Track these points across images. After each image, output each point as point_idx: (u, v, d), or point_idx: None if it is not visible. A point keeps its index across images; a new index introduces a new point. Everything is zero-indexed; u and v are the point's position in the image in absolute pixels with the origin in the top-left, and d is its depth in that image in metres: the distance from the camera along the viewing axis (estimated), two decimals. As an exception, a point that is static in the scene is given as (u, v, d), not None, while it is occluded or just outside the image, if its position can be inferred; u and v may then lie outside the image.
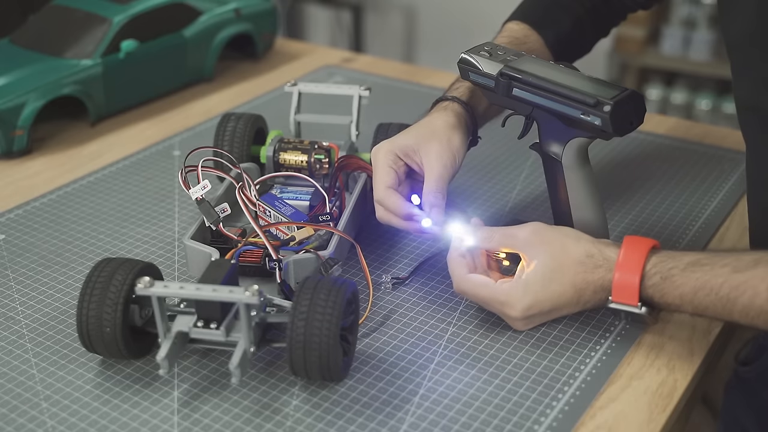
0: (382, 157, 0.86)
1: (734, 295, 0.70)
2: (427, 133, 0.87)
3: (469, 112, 0.90)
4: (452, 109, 0.89)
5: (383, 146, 0.87)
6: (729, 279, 0.70)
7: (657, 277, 0.73)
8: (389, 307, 0.84)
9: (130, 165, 1.13)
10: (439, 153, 0.85)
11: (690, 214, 1.00)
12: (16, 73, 1.15)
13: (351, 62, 1.48)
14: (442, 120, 0.88)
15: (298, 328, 0.68)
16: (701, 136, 1.20)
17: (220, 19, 1.36)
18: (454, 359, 0.77)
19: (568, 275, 0.76)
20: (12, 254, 0.93)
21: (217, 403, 0.72)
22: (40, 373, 0.75)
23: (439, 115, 0.88)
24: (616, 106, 0.76)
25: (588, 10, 1.03)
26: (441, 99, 0.91)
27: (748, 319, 0.70)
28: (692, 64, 2.70)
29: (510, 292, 0.77)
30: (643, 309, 0.74)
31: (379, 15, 3.25)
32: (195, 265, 0.85)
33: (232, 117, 1.02)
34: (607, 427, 0.70)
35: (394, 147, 0.87)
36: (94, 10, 1.23)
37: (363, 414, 0.71)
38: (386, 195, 0.85)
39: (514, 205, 1.02)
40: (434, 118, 0.88)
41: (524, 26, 1.00)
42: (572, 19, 1.02)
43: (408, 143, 0.86)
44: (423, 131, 0.87)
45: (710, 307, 0.71)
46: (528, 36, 0.99)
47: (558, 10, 1.02)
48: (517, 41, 0.98)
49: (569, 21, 1.02)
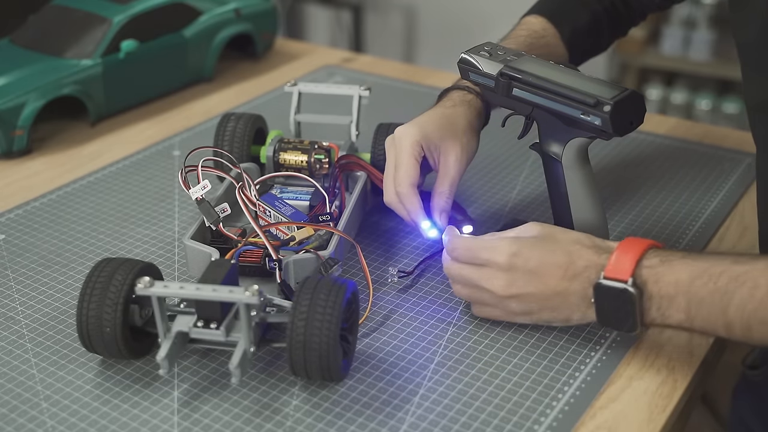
0: (409, 147, 0.85)
1: (733, 286, 0.67)
2: (449, 131, 0.86)
3: (488, 110, 0.92)
4: (475, 107, 0.89)
5: (411, 133, 0.85)
6: (729, 269, 0.67)
7: (656, 260, 0.70)
8: (389, 307, 0.84)
9: (130, 165, 1.13)
10: (458, 157, 0.86)
11: (690, 214, 1.00)
12: (16, 73, 1.15)
13: (351, 62, 1.48)
14: (465, 119, 0.88)
15: (298, 328, 0.69)
16: (701, 136, 1.20)
17: (220, 19, 1.36)
18: (454, 359, 0.77)
19: (562, 243, 0.74)
20: (12, 254, 0.93)
21: (217, 403, 0.72)
22: (40, 373, 0.75)
23: (463, 111, 0.88)
24: (616, 106, 0.76)
25: (606, 7, 1.03)
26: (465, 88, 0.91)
27: (743, 317, 0.66)
28: (692, 64, 2.70)
29: (499, 239, 0.76)
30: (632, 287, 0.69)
31: (379, 15, 3.25)
32: (195, 265, 0.85)
33: (232, 117, 1.02)
34: (607, 427, 0.70)
35: (421, 137, 0.85)
36: (94, 10, 1.23)
37: (363, 414, 0.71)
38: (408, 193, 0.85)
39: (514, 205, 1.02)
40: (458, 114, 0.88)
41: (542, 19, 1.01)
42: (590, 15, 1.02)
43: (433, 137, 0.86)
44: (447, 128, 0.87)
45: (706, 300, 0.67)
46: (546, 29, 1.00)
47: (576, 4, 1.02)
48: (536, 35, 0.98)
49: (587, 16, 1.02)
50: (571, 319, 0.75)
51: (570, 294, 0.73)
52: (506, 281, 0.75)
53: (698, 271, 0.68)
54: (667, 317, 0.70)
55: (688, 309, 0.69)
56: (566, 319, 0.75)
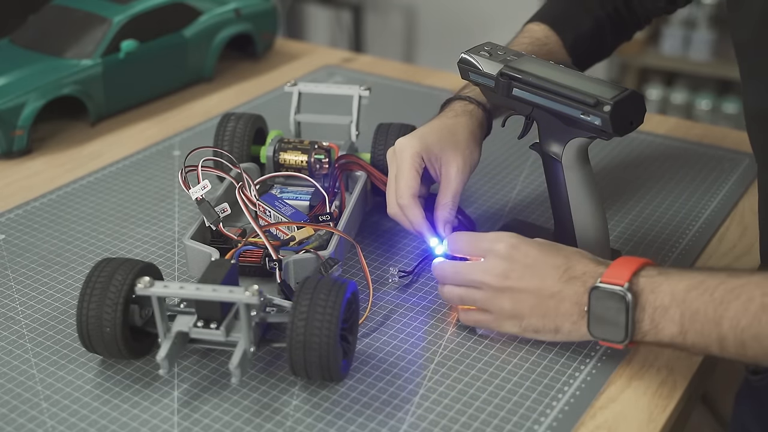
0: (410, 159, 0.85)
1: (729, 298, 0.65)
2: (451, 143, 0.86)
3: (489, 121, 0.92)
4: (477, 117, 0.89)
5: (411, 144, 0.85)
6: (725, 281, 0.67)
7: (654, 271, 0.70)
8: (389, 307, 0.84)
9: (130, 165, 1.13)
10: (460, 168, 0.86)
11: (690, 214, 1.00)
12: (16, 73, 1.15)
13: (351, 62, 1.48)
14: (467, 130, 0.88)
15: (298, 328, 0.69)
16: (701, 136, 1.20)
17: (220, 19, 1.36)
18: (454, 359, 0.77)
19: (563, 249, 0.75)
20: (12, 254, 0.93)
21: (217, 403, 0.72)
22: (40, 373, 0.75)
23: (465, 122, 0.88)
24: (616, 106, 0.76)
25: (609, 13, 1.03)
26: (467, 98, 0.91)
27: (737, 331, 0.65)
28: (692, 64, 2.71)
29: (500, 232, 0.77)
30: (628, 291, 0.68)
31: (379, 15, 3.25)
32: (195, 265, 0.85)
33: (232, 117, 1.02)
34: (607, 427, 0.70)
35: (421, 148, 0.85)
36: (94, 10, 1.23)
37: (363, 414, 0.71)
38: (410, 204, 0.85)
39: (514, 205, 1.02)
40: (460, 125, 0.88)
41: (544, 27, 1.01)
42: (592, 21, 1.02)
43: (433, 149, 0.86)
44: (448, 139, 0.86)
45: (700, 311, 0.66)
46: (549, 37, 1.00)
47: (578, 11, 1.02)
48: (539, 42, 0.99)
49: (589, 22, 1.02)
50: (560, 330, 0.73)
51: (564, 298, 0.72)
52: (503, 270, 0.74)
53: (694, 283, 0.68)
54: (660, 330, 0.68)
55: (681, 321, 0.67)
56: (555, 330, 0.74)
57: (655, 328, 0.69)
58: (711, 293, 0.66)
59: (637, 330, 0.69)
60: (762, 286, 0.65)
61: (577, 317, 0.72)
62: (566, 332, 0.73)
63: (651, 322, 0.69)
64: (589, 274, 0.72)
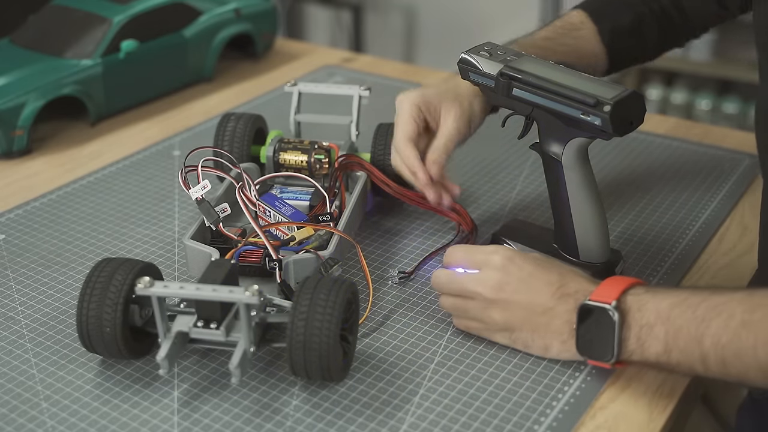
0: (407, 108, 0.88)
1: (710, 315, 0.65)
2: (451, 95, 0.88)
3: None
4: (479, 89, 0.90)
5: (410, 96, 0.89)
6: (708, 299, 0.67)
7: (641, 289, 0.70)
8: (389, 307, 0.84)
9: (130, 165, 1.13)
10: (457, 116, 0.87)
11: (690, 214, 1.00)
12: (16, 73, 1.15)
13: (351, 62, 1.48)
14: (469, 87, 0.89)
15: (298, 328, 0.69)
16: (701, 136, 1.20)
17: (220, 19, 1.36)
18: (454, 359, 0.77)
19: (559, 266, 0.75)
20: (12, 254, 0.93)
21: (217, 403, 0.72)
22: (40, 373, 0.75)
23: (467, 84, 0.89)
24: (616, 106, 0.76)
25: (655, 12, 1.01)
26: None
27: (717, 348, 0.65)
28: (692, 64, 2.70)
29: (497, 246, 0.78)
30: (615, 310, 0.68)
31: (379, 15, 3.25)
32: (195, 265, 0.85)
33: (232, 117, 1.02)
34: (607, 427, 0.70)
35: (420, 100, 0.88)
36: (94, 10, 1.23)
37: (363, 414, 0.71)
38: (404, 146, 0.87)
39: (514, 206, 1.02)
40: (463, 83, 0.89)
41: (583, 15, 1.00)
42: (633, 16, 1.00)
43: (432, 100, 0.88)
44: (448, 92, 0.89)
45: (683, 328, 0.66)
46: (583, 23, 0.99)
47: (620, 4, 1.01)
48: (572, 26, 0.98)
49: (629, 17, 1.00)
50: (550, 349, 0.74)
51: (555, 315, 0.72)
52: (497, 282, 0.74)
53: (678, 300, 0.68)
54: (646, 348, 0.68)
55: (666, 339, 0.67)
56: (545, 347, 0.74)
57: (641, 346, 0.69)
58: (693, 311, 0.66)
59: (624, 348, 0.69)
60: (744, 303, 0.65)
61: (567, 336, 0.72)
62: (556, 351, 0.74)
63: (637, 340, 0.69)
64: (581, 292, 0.72)
